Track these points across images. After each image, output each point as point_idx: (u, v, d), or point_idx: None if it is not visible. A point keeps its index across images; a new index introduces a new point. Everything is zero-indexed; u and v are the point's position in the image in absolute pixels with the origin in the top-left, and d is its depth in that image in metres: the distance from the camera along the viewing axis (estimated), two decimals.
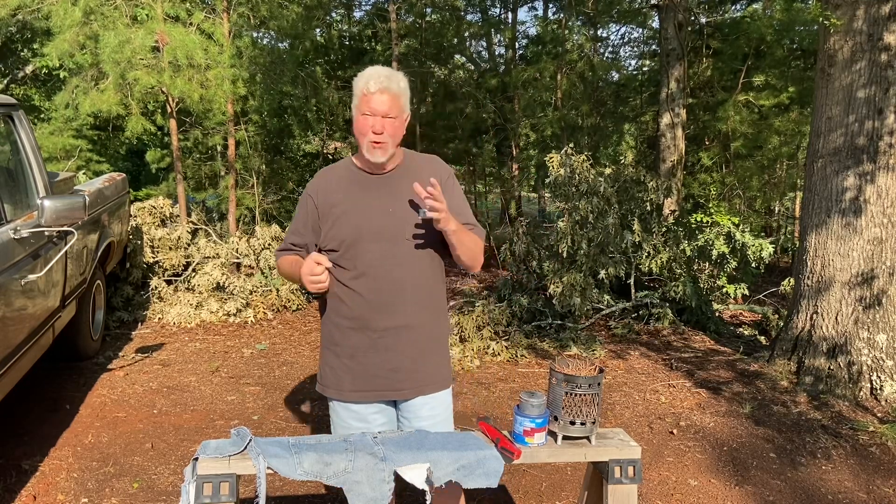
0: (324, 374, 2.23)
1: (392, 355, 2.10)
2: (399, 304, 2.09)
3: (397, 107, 2.02)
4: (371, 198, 2.10)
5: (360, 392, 2.13)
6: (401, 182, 2.11)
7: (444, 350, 2.23)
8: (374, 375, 2.11)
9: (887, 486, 3.33)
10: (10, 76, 12.00)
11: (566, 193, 5.98)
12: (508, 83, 11.58)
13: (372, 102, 1.99)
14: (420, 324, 2.13)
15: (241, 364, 4.92)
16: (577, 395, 1.91)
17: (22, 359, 3.34)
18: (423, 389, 2.14)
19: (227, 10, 7.01)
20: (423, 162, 2.21)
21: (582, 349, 5.24)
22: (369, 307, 2.08)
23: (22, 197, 3.79)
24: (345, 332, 2.14)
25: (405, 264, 2.08)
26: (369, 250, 2.06)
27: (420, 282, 2.11)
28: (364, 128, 2.02)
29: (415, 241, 2.08)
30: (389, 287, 2.08)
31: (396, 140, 2.06)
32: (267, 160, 10.06)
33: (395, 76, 2.03)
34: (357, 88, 2.03)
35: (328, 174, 2.19)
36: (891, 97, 4.27)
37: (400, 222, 2.08)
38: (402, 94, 2.03)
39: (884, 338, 4.38)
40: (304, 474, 1.78)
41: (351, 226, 2.07)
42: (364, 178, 2.12)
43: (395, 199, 2.09)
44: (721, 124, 9.42)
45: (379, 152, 2.03)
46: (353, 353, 2.13)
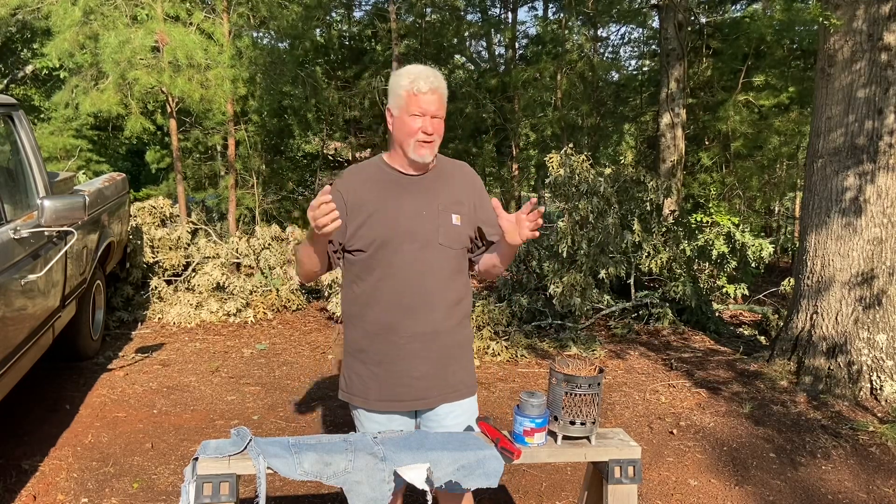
0: (350, 382, 2.16)
1: (419, 362, 2.06)
2: (427, 309, 2.05)
3: (443, 107, 2.02)
4: (404, 199, 2.05)
5: (386, 402, 2.08)
6: (434, 185, 2.08)
7: (468, 356, 2.19)
8: (399, 384, 2.07)
9: (887, 486, 3.33)
10: (10, 76, 12.00)
11: (566, 193, 5.98)
12: (508, 83, 11.58)
13: (422, 102, 1.96)
14: (448, 330, 2.09)
15: (241, 364, 4.92)
16: (577, 395, 1.90)
17: (22, 359, 3.34)
18: (448, 396, 2.11)
19: (227, 10, 7.01)
20: (455, 167, 2.19)
21: (582, 349, 5.24)
22: (397, 313, 2.04)
23: (22, 197, 3.79)
24: (371, 338, 2.08)
25: (435, 269, 2.04)
26: (399, 253, 2.01)
27: (449, 287, 2.08)
28: (412, 128, 1.98)
29: (446, 245, 2.05)
30: (419, 292, 2.03)
31: (440, 139, 2.05)
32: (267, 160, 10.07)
33: (439, 76, 2.02)
34: (400, 87, 1.98)
35: (359, 172, 2.13)
36: (891, 97, 4.27)
37: (432, 226, 2.04)
38: (445, 92, 2.04)
39: (884, 338, 4.38)
40: (304, 474, 1.78)
41: (382, 227, 2.02)
42: (397, 179, 2.07)
43: (429, 202, 2.06)
44: (721, 124, 9.43)
45: (428, 152, 2.01)
46: (380, 360, 2.07)
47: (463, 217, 2.09)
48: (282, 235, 6.68)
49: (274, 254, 6.48)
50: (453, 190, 2.11)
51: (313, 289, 6.59)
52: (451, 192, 2.10)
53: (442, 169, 2.14)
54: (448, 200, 2.08)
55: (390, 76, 2.07)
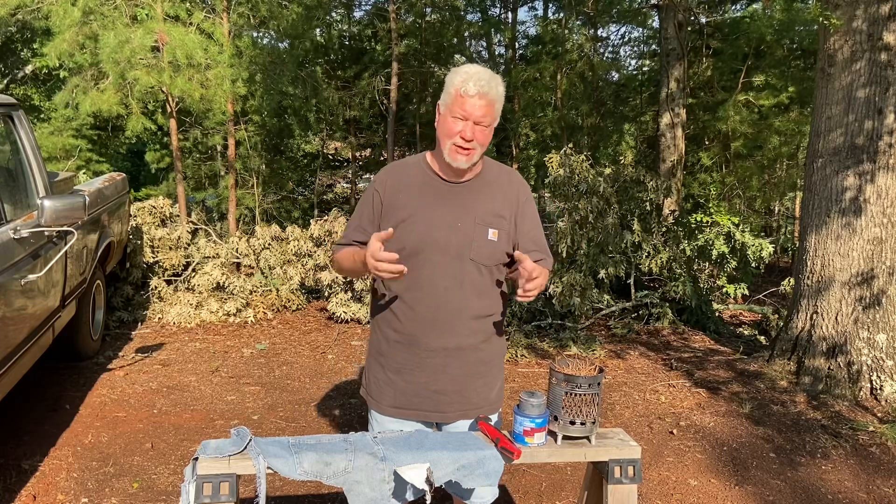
0: (368, 383, 2.13)
1: (439, 377, 2.00)
2: (453, 324, 1.97)
3: (492, 114, 1.89)
4: (441, 207, 1.95)
5: (399, 409, 2.04)
6: (474, 195, 1.98)
7: (495, 373, 2.11)
8: (416, 395, 2.02)
9: (887, 486, 3.33)
10: (10, 76, 12.00)
11: (566, 193, 5.98)
12: (508, 83, 11.55)
13: (467, 105, 1.85)
14: (472, 346, 2.01)
15: (241, 364, 4.92)
16: (577, 394, 1.90)
17: (22, 359, 3.34)
18: (468, 414, 2.05)
19: (227, 10, 7.01)
20: (502, 175, 2.06)
21: (582, 349, 5.24)
22: (422, 324, 1.97)
23: (22, 197, 3.79)
24: (392, 346, 2.03)
25: (465, 283, 1.95)
26: (429, 264, 1.93)
27: (477, 302, 1.99)
28: (452, 130, 1.88)
29: (477, 261, 1.95)
30: (445, 306, 1.95)
31: (484, 148, 1.93)
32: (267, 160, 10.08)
33: (495, 80, 1.89)
34: (451, 85, 1.88)
35: (399, 172, 2.03)
36: (890, 97, 4.27)
37: (466, 239, 1.94)
38: (498, 100, 1.90)
39: (884, 338, 4.38)
40: (304, 474, 1.78)
41: (415, 234, 1.93)
42: (436, 185, 1.98)
43: (466, 213, 1.95)
44: (721, 124, 9.43)
45: (463, 158, 1.90)
46: (399, 369, 2.02)
47: (501, 232, 1.98)
48: (282, 235, 6.68)
49: (274, 254, 6.48)
50: (495, 201, 2.00)
51: (313, 289, 6.59)
52: (492, 204, 1.99)
53: (486, 176, 2.02)
54: (487, 213, 1.97)
55: (450, 71, 1.95)
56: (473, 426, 2.07)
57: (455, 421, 2.06)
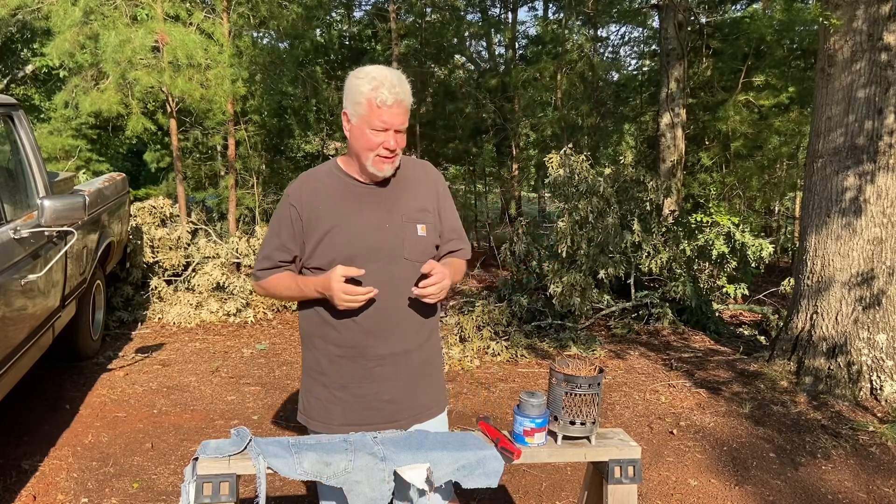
0: (308, 405, 2.02)
1: (388, 385, 1.95)
2: (397, 328, 1.92)
3: (407, 117, 1.85)
4: (365, 212, 1.89)
5: (352, 426, 1.95)
6: (396, 194, 1.93)
7: (438, 371, 2.09)
8: (366, 407, 1.95)
9: (887, 486, 3.33)
10: (10, 76, 12.00)
11: (566, 193, 5.98)
12: (508, 83, 11.58)
13: (385, 116, 1.78)
14: (417, 348, 1.98)
15: (241, 364, 4.93)
16: (577, 395, 1.90)
17: (22, 359, 3.34)
18: (420, 417, 2.02)
19: (227, 10, 7.01)
20: (417, 169, 2.01)
21: (582, 349, 5.24)
22: (365, 334, 1.90)
23: (22, 197, 3.79)
24: (335, 362, 1.94)
25: (403, 284, 1.89)
26: (365, 271, 1.85)
27: (417, 302, 1.92)
28: (372, 143, 1.81)
29: (412, 259, 1.90)
30: (387, 311, 1.90)
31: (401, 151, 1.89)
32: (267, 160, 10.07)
33: (403, 80, 1.82)
34: (361, 95, 1.79)
35: (312, 182, 1.94)
36: (891, 97, 4.27)
37: (396, 240, 1.89)
38: (410, 99, 1.85)
39: (884, 338, 4.38)
40: (304, 474, 1.78)
41: (342, 244, 1.86)
42: (355, 189, 1.91)
43: (392, 213, 1.91)
44: (721, 124, 9.42)
45: (389, 166, 1.86)
46: (344, 384, 1.94)
47: (428, 226, 1.95)
48: None
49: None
50: (417, 196, 1.96)
51: None
52: (415, 200, 1.95)
53: (404, 174, 1.96)
54: (412, 209, 1.93)
55: (348, 75, 1.86)
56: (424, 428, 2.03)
57: (409, 427, 2.01)
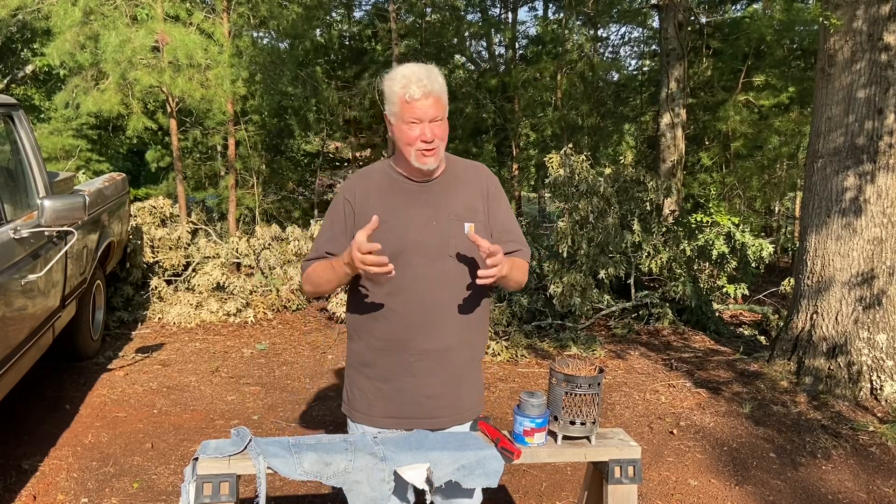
0: (352, 397, 2.05)
1: (431, 380, 1.96)
2: (441, 324, 1.94)
3: (442, 107, 1.87)
4: (413, 208, 1.93)
5: (393, 419, 1.98)
6: (445, 192, 1.96)
7: (479, 372, 2.10)
8: (408, 402, 1.97)
9: (887, 486, 3.33)
10: (10, 76, 12.00)
11: (566, 193, 5.98)
12: (508, 83, 11.58)
13: (417, 110, 1.82)
14: (461, 345, 1.98)
15: (241, 364, 4.92)
16: (577, 395, 1.90)
17: (22, 359, 3.34)
18: (461, 417, 2.02)
19: (227, 10, 7.01)
20: (469, 170, 2.04)
21: (582, 349, 5.24)
22: (409, 327, 1.93)
23: (22, 197, 3.79)
24: (378, 354, 1.97)
25: (448, 281, 1.92)
26: (410, 265, 1.88)
27: (463, 299, 1.95)
28: (411, 137, 1.85)
29: (459, 256, 1.92)
30: (431, 306, 1.92)
31: (445, 142, 1.91)
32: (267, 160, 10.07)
33: (433, 73, 1.85)
34: (393, 94, 1.84)
35: (365, 179, 2.00)
36: (891, 97, 4.27)
37: (444, 236, 1.91)
38: (443, 91, 1.87)
39: (884, 338, 4.38)
40: (304, 474, 1.78)
41: (392, 237, 1.88)
42: (406, 186, 1.95)
43: (439, 211, 1.93)
44: (721, 124, 9.43)
45: (431, 158, 1.87)
46: (387, 377, 1.97)
47: (477, 224, 1.95)
48: (282, 235, 6.68)
49: (274, 254, 6.48)
50: (467, 196, 1.98)
51: None
52: (465, 199, 1.98)
53: (454, 172, 2.01)
54: (460, 207, 1.95)
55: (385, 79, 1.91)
56: (474, 427, 2.06)
57: (450, 427, 2.02)
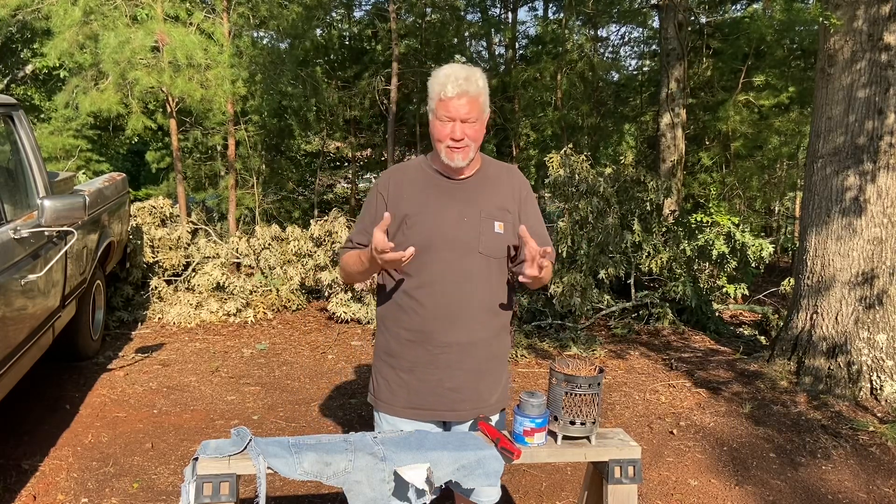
0: (378, 387, 2.11)
1: (453, 373, 2.00)
2: (465, 318, 1.99)
3: (477, 109, 1.91)
4: (445, 204, 1.99)
5: (415, 409, 2.03)
6: (477, 190, 2.01)
7: (503, 368, 2.13)
8: (431, 393, 2.01)
9: (887, 486, 3.33)
10: (10, 76, 12.00)
11: (566, 193, 5.98)
12: (508, 83, 11.57)
13: (450, 108, 1.88)
14: (484, 341, 2.03)
15: (241, 364, 4.92)
16: (577, 395, 1.90)
17: (22, 359, 3.34)
18: (482, 410, 2.06)
19: (227, 10, 7.01)
20: (502, 171, 2.09)
21: (582, 349, 5.24)
22: (433, 320, 1.98)
23: (22, 197, 3.79)
24: (404, 345, 2.02)
25: (475, 277, 1.97)
26: (439, 260, 1.95)
27: (488, 296, 2.01)
28: (441, 134, 1.91)
29: (486, 254, 1.97)
30: (457, 300, 1.97)
31: (478, 143, 1.96)
32: (267, 160, 10.07)
33: (473, 75, 1.91)
34: (433, 91, 1.92)
35: (401, 173, 2.07)
36: (891, 97, 4.27)
37: (473, 233, 1.97)
38: (481, 93, 1.92)
39: (884, 338, 4.38)
40: (304, 474, 1.78)
41: (421, 232, 1.95)
42: (439, 182, 2.01)
43: (471, 208, 1.98)
44: (721, 124, 9.43)
45: (459, 155, 1.93)
46: (411, 367, 2.02)
47: (507, 224, 2.01)
48: (282, 235, 6.67)
49: (274, 254, 6.48)
50: (499, 195, 2.03)
51: (313, 289, 6.59)
52: (496, 198, 2.03)
53: (488, 172, 2.06)
54: (492, 206, 2.00)
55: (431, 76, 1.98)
56: (474, 426, 2.08)
57: (470, 419, 2.06)
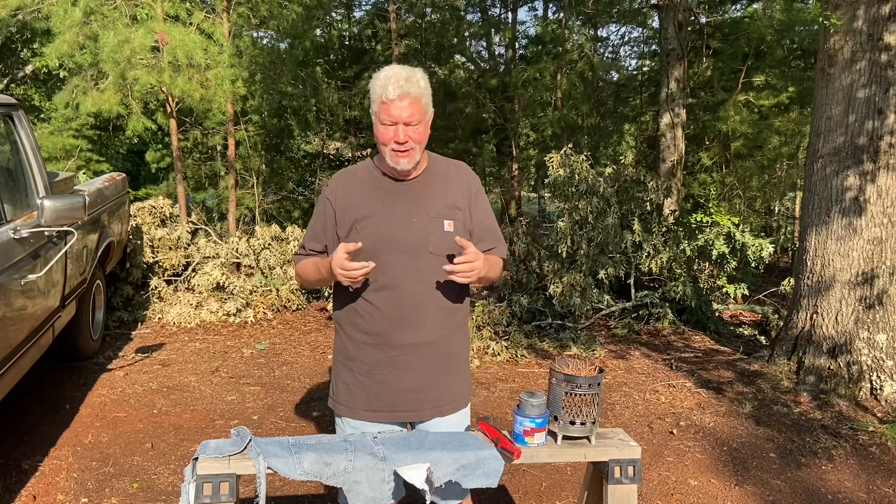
0: (337, 390, 2.10)
1: (411, 374, 2.00)
2: (420, 319, 1.99)
3: (419, 111, 1.89)
4: (393, 206, 1.98)
5: (375, 412, 2.03)
6: (426, 190, 2.01)
7: (463, 366, 2.13)
8: (390, 395, 2.01)
9: (887, 486, 3.33)
10: (10, 76, 11.99)
11: (566, 193, 5.98)
12: (508, 83, 11.57)
13: (392, 110, 1.86)
14: (441, 340, 2.03)
15: (241, 364, 4.92)
16: (577, 395, 1.90)
17: (22, 359, 3.34)
18: (442, 410, 2.06)
19: (227, 10, 7.00)
20: (450, 169, 2.08)
21: (582, 349, 5.24)
22: (389, 322, 1.98)
23: (22, 197, 3.79)
24: (361, 348, 2.03)
25: (427, 277, 1.97)
26: (390, 262, 1.94)
27: (442, 296, 2.00)
28: (385, 138, 1.89)
29: (437, 254, 1.96)
30: (411, 302, 1.97)
31: (423, 145, 1.94)
32: (267, 160, 10.06)
33: (414, 76, 1.89)
34: (374, 93, 1.89)
35: (348, 177, 2.07)
36: (891, 97, 4.27)
37: (423, 233, 1.97)
38: (423, 94, 1.90)
39: (884, 337, 4.38)
40: (304, 474, 1.78)
41: (371, 236, 1.95)
42: (386, 185, 2.01)
43: (419, 209, 1.98)
44: (721, 124, 9.42)
45: (404, 159, 1.92)
46: (369, 370, 2.02)
47: (457, 223, 2.01)
48: (282, 235, 6.67)
49: (274, 254, 6.48)
50: (448, 194, 2.03)
51: (313, 289, 6.59)
52: (445, 197, 2.02)
53: (435, 171, 2.05)
54: (441, 205, 2.00)
55: (371, 78, 1.96)
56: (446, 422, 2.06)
57: (430, 419, 2.06)
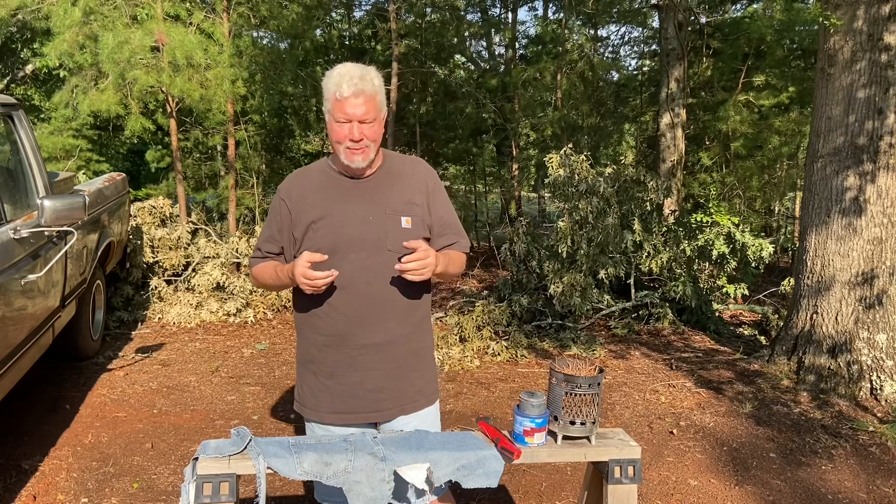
0: (301, 393, 2.10)
1: (371, 374, 2.00)
2: (379, 318, 1.98)
3: (374, 108, 1.88)
4: (350, 205, 1.97)
5: (339, 414, 2.02)
6: (382, 187, 1.99)
7: (427, 364, 2.12)
8: (352, 396, 2.00)
9: (887, 486, 3.33)
10: (10, 76, 11.99)
11: (566, 193, 5.98)
12: (508, 83, 11.57)
13: (346, 108, 1.85)
14: (401, 338, 2.02)
15: (241, 364, 4.92)
16: (577, 395, 1.90)
17: (22, 359, 3.34)
18: (405, 408, 2.05)
19: (227, 10, 7.00)
20: (406, 165, 2.08)
21: (582, 349, 5.24)
22: (347, 322, 1.97)
23: (22, 197, 3.79)
24: (322, 350, 2.02)
25: (386, 275, 1.95)
26: (348, 262, 1.93)
27: (402, 294, 1.99)
28: (339, 135, 1.89)
29: (395, 251, 1.94)
30: (368, 301, 1.96)
31: (377, 143, 1.93)
32: (267, 160, 10.06)
33: (368, 74, 1.89)
34: (328, 91, 1.89)
35: (302, 177, 2.06)
36: (891, 97, 4.27)
37: (380, 231, 1.95)
38: (377, 92, 1.89)
39: (884, 337, 4.38)
40: (304, 474, 1.78)
41: (327, 235, 1.94)
42: (342, 183, 2.00)
43: (376, 206, 1.97)
44: (721, 124, 9.42)
45: (359, 157, 1.91)
46: (331, 372, 2.01)
47: (415, 219, 2.00)
48: None
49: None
50: (404, 190, 2.01)
51: None
52: (402, 193, 2.01)
53: (391, 168, 2.04)
54: (398, 202, 1.99)
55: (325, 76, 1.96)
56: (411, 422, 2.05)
57: (394, 418, 2.05)
